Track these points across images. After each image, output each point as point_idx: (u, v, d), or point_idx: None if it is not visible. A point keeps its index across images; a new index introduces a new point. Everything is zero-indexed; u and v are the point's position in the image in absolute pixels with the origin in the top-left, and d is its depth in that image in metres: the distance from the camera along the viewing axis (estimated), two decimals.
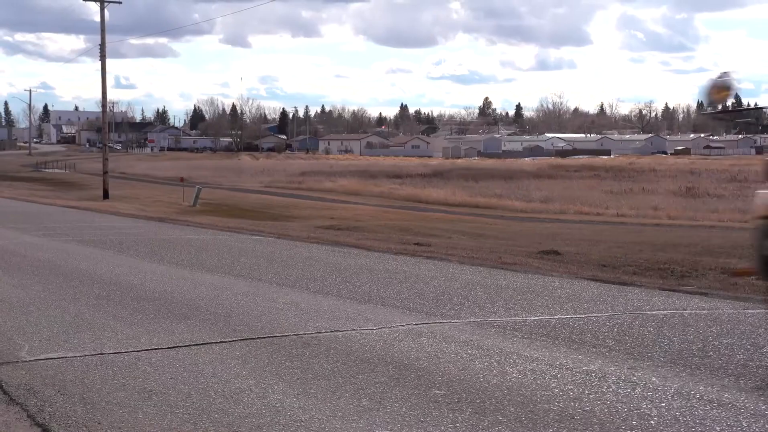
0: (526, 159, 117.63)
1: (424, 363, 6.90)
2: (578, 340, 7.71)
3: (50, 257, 15.03)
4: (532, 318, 8.86)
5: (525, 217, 38.91)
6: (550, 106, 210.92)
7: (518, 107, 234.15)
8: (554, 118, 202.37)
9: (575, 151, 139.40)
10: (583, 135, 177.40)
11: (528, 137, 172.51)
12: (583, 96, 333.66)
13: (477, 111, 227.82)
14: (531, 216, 38.99)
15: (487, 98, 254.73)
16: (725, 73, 7.97)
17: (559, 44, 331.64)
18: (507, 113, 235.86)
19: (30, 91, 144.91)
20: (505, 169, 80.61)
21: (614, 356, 7.09)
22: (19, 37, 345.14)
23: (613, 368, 6.66)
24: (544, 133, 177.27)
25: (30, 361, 7.03)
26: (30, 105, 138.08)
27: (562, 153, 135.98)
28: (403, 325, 8.48)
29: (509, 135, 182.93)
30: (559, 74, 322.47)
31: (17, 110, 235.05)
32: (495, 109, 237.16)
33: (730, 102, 9.19)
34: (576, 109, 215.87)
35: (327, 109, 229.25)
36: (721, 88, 7.95)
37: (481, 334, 8.04)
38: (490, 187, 59.68)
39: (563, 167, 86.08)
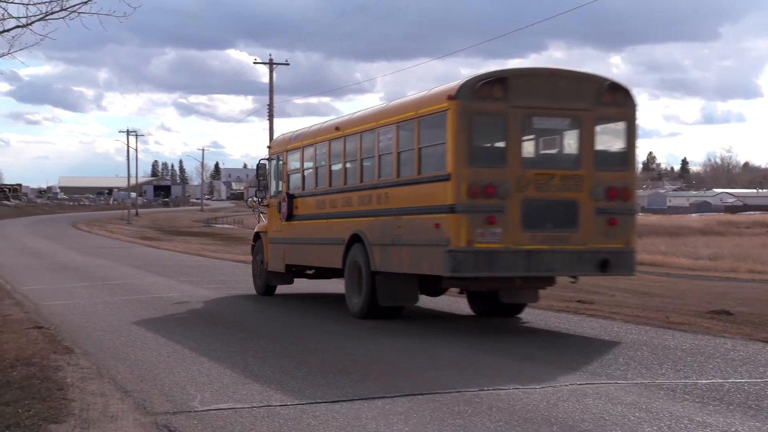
0: (693, 215, 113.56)
1: (589, 425, 6.73)
2: (755, 406, 7.35)
3: (220, 310, 15.59)
4: (704, 381, 8.51)
5: (692, 275, 37.48)
6: (718, 161, 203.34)
7: (684, 162, 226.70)
8: (723, 172, 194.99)
9: (746, 207, 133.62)
10: (754, 190, 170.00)
11: (695, 192, 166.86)
12: (754, 150, 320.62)
13: (641, 166, 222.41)
14: (699, 274, 37.51)
15: (651, 153, 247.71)
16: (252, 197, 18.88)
17: (726, 97, 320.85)
18: (672, 168, 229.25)
19: (203, 150, 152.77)
20: (671, 225, 78.02)
21: None
22: (193, 99, 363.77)
23: None
24: (711, 188, 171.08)
25: (202, 411, 7.28)
26: (202, 163, 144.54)
27: (732, 209, 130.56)
28: (566, 385, 8.32)
29: (674, 190, 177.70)
30: (727, 128, 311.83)
31: (190, 168, 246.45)
32: (660, 163, 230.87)
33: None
34: (746, 164, 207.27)
35: None
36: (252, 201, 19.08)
37: (649, 397, 7.79)
38: (655, 243, 57.71)
39: (734, 224, 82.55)
